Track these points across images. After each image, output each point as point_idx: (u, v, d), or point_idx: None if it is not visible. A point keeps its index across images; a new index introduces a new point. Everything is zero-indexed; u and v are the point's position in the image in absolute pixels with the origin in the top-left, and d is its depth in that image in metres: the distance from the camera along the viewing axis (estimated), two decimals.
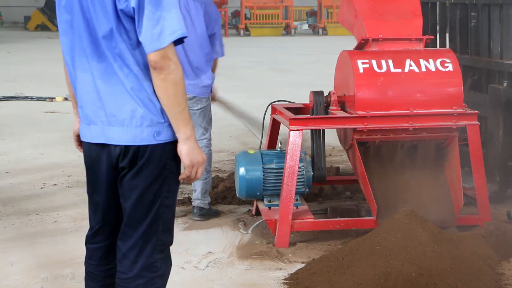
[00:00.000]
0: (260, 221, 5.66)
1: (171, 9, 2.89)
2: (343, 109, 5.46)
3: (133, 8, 2.87)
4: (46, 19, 27.45)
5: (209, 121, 5.86)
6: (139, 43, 2.92)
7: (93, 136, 3.07)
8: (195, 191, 5.78)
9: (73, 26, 3.02)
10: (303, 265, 4.81)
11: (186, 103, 2.96)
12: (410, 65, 5.36)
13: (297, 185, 5.19)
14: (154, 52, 2.86)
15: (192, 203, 5.82)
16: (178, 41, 2.91)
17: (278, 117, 5.66)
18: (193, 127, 3.00)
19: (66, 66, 3.13)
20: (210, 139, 5.87)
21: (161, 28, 2.86)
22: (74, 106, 3.21)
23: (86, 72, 3.02)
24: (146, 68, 2.95)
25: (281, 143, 5.60)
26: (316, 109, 5.44)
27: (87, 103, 3.05)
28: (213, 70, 5.90)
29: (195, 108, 5.75)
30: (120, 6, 2.89)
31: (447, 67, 5.39)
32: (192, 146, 2.98)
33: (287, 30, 26.11)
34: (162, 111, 2.97)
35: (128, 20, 2.91)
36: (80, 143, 3.21)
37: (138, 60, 2.95)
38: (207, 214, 5.79)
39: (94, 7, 2.94)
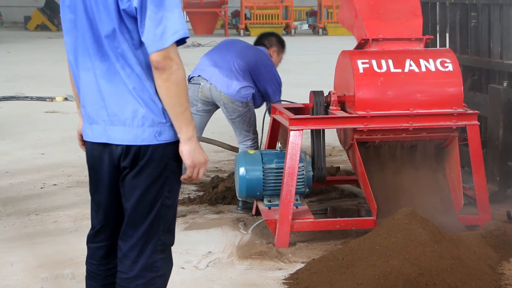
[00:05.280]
0: (260, 221, 5.66)
1: (174, 10, 2.89)
2: (343, 109, 5.46)
3: (136, 8, 2.88)
4: (46, 19, 27.44)
5: (250, 124, 6.04)
6: (141, 43, 2.93)
7: (95, 135, 3.07)
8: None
9: (77, 25, 3.03)
10: (303, 265, 4.82)
11: (188, 103, 2.97)
12: (410, 65, 5.36)
13: (297, 185, 5.19)
14: (156, 52, 2.87)
15: (238, 198, 5.98)
16: (180, 42, 2.91)
17: (278, 117, 5.66)
18: (195, 128, 3.01)
19: (70, 66, 3.14)
20: (253, 140, 6.06)
21: (163, 28, 2.87)
22: (78, 106, 3.22)
23: (88, 71, 3.03)
24: (148, 68, 2.95)
25: (281, 143, 5.60)
26: (316, 109, 5.44)
27: (90, 103, 3.06)
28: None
29: (233, 117, 5.98)
30: (123, 6, 2.90)
31: (447, 67, 5.39)
32: (193, 147, 2.98)
33: (287, 30, 26.09)
34: (164, 111, 2.97)
35: (130, 20, 2.92)
36: (84, 142, 3.22)
37: (140, 60, 2.95)
38: (250, 207, 5.93)
39: (97, 7, 2.95)
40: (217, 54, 6.14)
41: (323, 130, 5.47)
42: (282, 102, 5.96)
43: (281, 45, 6.39)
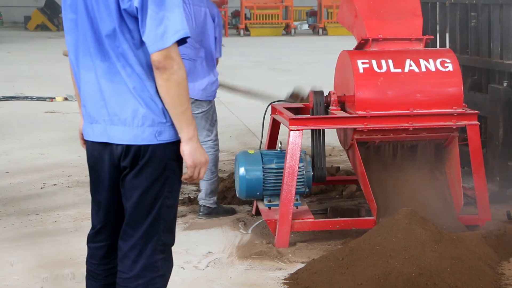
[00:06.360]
0: (260, 221, 5.66)
1: (174, 9, 2.89)
2: (343, 109, 5.46)
3: (136, 8, 2.88)
4: (46, 19, 27.48)
5: (213, 123, 5.89)
6: (142, 43, 2.93)
7: (95, 135, 3.07)
8: (201, 191, 5.85)
9: (78, 25, 3.04)
10: (303, 265, 4.82)
11: (189, 103, 2.97)
12: (410, 65, 5.36)
13: (297, 185, 5.19)
14: (157, 52, 2.87)
15: (198, 202, 5.89)
16: (181, 41, 2.91)
17: (278, 117, 5.66)
18: (196, 128, 3.00)
19: (71, 65, 3.14)
20: (215, 140, 5.92)
21: (164, 28, 2.87)
22: (80, 105, 3.22)
23: (90, 71, 3.03)
24: (149, 68, 2.95)
25: (281, 143, 5.60)
26: (316, 109, 5.44)
27: (90, 102, 3.06)
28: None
29: (196, 112, 5.81)
30: (124, 5, 2.90)
31: (447, 67, 5.39)
32: (194, 146, 2.98)
33: (287, 30, 26.12)
34: (164, 111, 2.97)
35: (131, 20, 2.92)
36: (85, 141, 3.21)
37: (141, 60, 2.95)
38: (213, 213, 5.83)
39: (98, 6, 2.95)
40: None
41: (323, 130, 5.47)
42: (283, 102, 5.95)
43: None
